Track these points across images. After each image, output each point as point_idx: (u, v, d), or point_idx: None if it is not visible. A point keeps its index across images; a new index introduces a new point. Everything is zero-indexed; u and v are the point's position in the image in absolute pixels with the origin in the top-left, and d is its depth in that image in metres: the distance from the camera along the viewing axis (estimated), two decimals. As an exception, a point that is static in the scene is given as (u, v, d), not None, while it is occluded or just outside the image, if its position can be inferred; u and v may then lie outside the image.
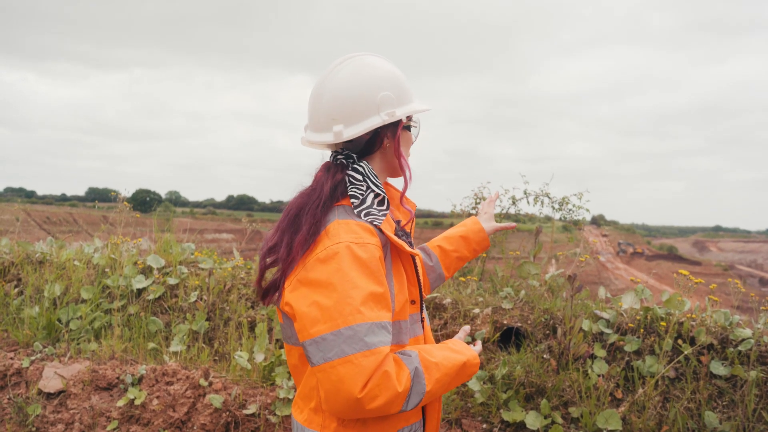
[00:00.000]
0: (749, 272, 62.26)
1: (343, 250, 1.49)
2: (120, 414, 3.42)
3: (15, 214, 9.97)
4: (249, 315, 4.15)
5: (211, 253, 5.04)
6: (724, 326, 3.35)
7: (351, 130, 1.64)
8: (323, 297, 1.46)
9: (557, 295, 3.90)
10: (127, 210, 4.99)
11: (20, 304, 4.51)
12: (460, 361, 1.59)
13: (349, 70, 1.66)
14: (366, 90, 1.64)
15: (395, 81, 1.69)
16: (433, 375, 1.52)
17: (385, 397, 1.42)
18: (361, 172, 1.65)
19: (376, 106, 1.64)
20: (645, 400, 3.13)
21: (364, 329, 1.43)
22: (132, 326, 4.22)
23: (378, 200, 1.64)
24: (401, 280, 1.64)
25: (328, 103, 1.66)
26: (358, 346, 1.42)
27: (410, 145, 1.79)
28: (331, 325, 1.44)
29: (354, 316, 1.43)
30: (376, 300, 1.48)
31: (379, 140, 1.70)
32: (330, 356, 1.43)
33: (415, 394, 1.49)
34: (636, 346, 3.33)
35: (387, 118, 1.64)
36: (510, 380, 3.31)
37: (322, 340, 1.44)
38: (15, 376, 3.71)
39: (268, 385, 3.50)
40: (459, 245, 2.19)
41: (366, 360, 1.41)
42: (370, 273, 1.49)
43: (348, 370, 1.41)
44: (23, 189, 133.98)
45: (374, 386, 1.41)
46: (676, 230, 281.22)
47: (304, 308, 1.49)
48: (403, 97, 1.70)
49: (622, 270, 52.74)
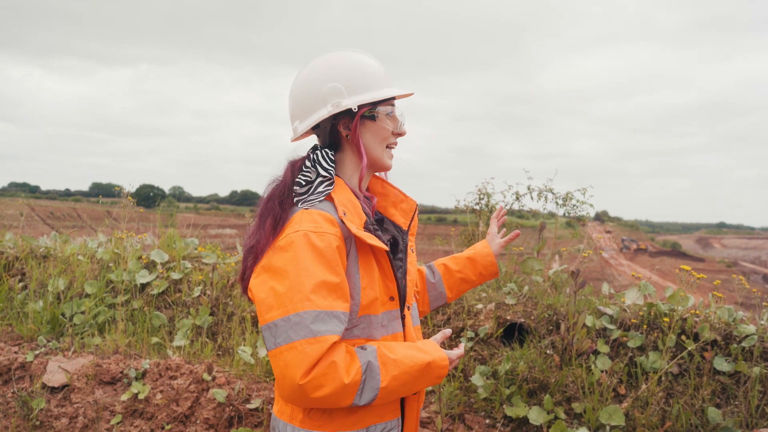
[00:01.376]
0: (753, 269, 62.12)
1: (300, 238, 1.50)
2: (124, 408, 3.43)
3: (19, 209, 9.99)
4: (252, 310, 4.16)
5: (215, 248, 5.05)
6: (727, 322, 3.35)
7: (302, 125, 1.67)
8: (278, 283, 1.48)
9: (560, 291, 3.90)
10: (131, 205, 4.99)
11: (24, 298, 4.53)
12: (423, 360, 1.56)
13: (309, 67, 1.69)
14: (314, 84, 1.66)
15: (349, 72, 1.66)
16: (389, 371, 1.50)
17: (331, 388, 1.43)
18: (312, 159, 1.66)
19: (322, 98, 1.64)
20: (648, 396, 3.13)
21: (311, 317, 1.44)
22: (136, 321, 4.23)
23: (325, 184, 1.63)
24: (371, 275, 1.61)
25: (289, 102, 1.72)
26: (303, 333, 1.43)
27: (380, 133, 1.71)
28: (283, 311, 1.45)
29: (303, 303, 1.44)
30: (330, 289, 1.48)
31: (337, 132, 1.69)
32: (279, 342, 1.45)
33: (368, 389, 1.48)
34: (639, 342, 3.33)
35: (332, 109, 1.63)
36: (513, 376, 3.31)
37: (274, 326, 1.46)
38: (19, 370, 3.72)
39: (271, 380, 3.51)
40: (465, 266, 2.15)
41: (310, 347, 1.42)
42: (326, 262, 1.49)
43: (292, 356, 1.42)
44: (27, 184, 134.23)
45: (319, 375, 1.42)
46: (680, 227, 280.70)
47: (262, 294, 1.51)
48: (358, 87, 1.66)
49: (626, 266, 52.67)
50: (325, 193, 1.61)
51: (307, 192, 1.61)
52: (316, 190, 1.61)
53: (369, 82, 1.68)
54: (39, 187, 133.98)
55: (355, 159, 1.72)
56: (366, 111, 1.68)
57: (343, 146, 1.71)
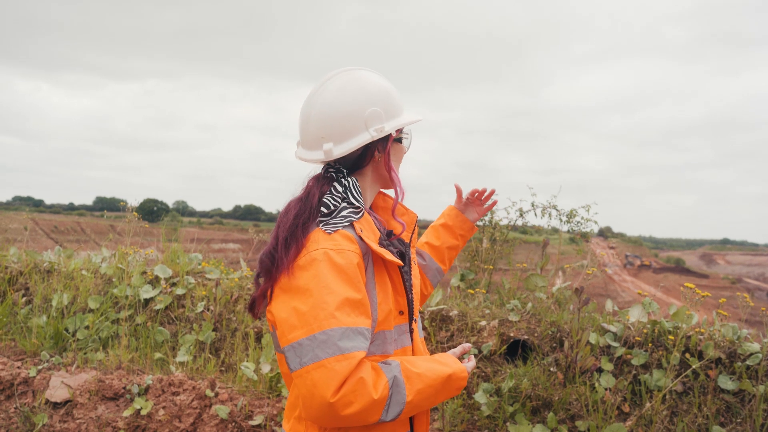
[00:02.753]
0: (757, 285, 61.85)
1: (321, 257, 1.50)
2: (126, 424, 3.42)
3: (23, 223, 10.02)
4: (255, 326, 4.16)
5: (218, 263, 5.06)
6: (732, 340, 3.33)
7: (340, 148, 1.65)
8: (300, 303, 1.47)
9: (564, 308, 3.89)
10: (135, 220, 5.01)
11: (28, 313, 4.53)
12: (445, 373, 1.58)
13: (336, 86, 1.67)
14: (354, 107, 1.64)
15: (384, 95, 1.69)
16: (414, 385, 1.51)
17: (361, 404, 1.42)
18: (344, 185, 1.66)
19: (364, 122, 1.64)
20: (652, 414, 3.11)
21: (338, 334, 1.43)
22: (139, 336, 4.24)
23: (351, 210, 1.64)
24: (386, 290, 1.63)
25: (317, 122, 1.67)
26: (331, 351, 1.42)
27: (402, 156, 1.80)
28: (307, 330, 1.45)
29: (328, 320, 1.44)
30: (353, 306, 1.48)
31: (370, 155, 1.71)
32: (305, 361, 1.44)
33: (395, 403, 1.48)
34: (643, 360, 3.32)
35: (376, 134, 1.64)
36: (517, 393, 3.30)
37: (299, 346, 1.45)
38: (22, 386, 3.72)
39: (274, 396, 3.50)
40: (445, 237, 2.22)
41: (339, 364, 1.41)
42: (347, 279, 1.49)
43: (321, 374, 1.41)
44: (31, 198, 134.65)
45: (348, 392, 1.41)
46: (684, 243, 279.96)
47: (283, 314, 1.50)
48: (392, 111, 1.69)
49: (629, 282, 52.49)
50: (349, 220, 1.61)
51: (330, 215, 1.61)
52: (340, 214, 1.61)
53: (398, 105, 1.73)
54: (43, 201, 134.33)
55: (374, 178, 1.75)
56: (397, 135, 1.75)
57: (365, 168, 1.73)
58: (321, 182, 1.68)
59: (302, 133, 1.73)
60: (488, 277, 4.59)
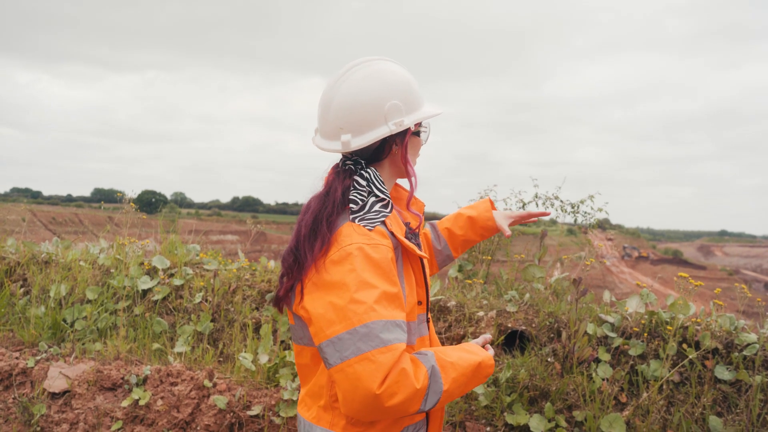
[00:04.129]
0: (754, 277, 62.07)
1: (356, 251, 1.49)
2: (124, 414, 3.43)
3: (21, 215, 10.02)
4: (254, 316, 4.16)
5: (216, 254, 5.06)
6: (729, 331, 3.34)
7: (359, 140, 1.64)
8: (337, 297, 1.47)
9: (562, 299, 3.89)
10: (133, 211, 5.00)
11: (26, 303, 4.53)
12: (475, 361, 1.60)
13: (358, 77, 1.65)
14: (374, 100, 1.63)
15: (404, 88, 1.68)
16: (449, 374, 1.52)
17: (404, 395, 1.42)
18: (366, 178, 1.66)
19: (383, 116, 1.64)
20: (649, 404, 3.12)
21: (380, 326, 1.43)
22: (137, 327, 4.24)
23: (381, 204, 1.64)
24: (411, 282, 1.65)
25: (337, 112, 1.66)
26: (374, 343, 1.42)
27: (419, 149, 1.81)
28: (347, 324, 1.44)
29: (369, 314, 1.44)
30: (390, 299, 1.48)
31: (388, 147, 1.70)
32: (347, 355, 1.43)
33: (433, 393, 1.48)
34: (640, 350, 3.33)
35: (395, 128, 1.64)
36: (514, 383, 3.31)
37: (339, 340, 1.45)
38: (20, 376, 3.72)
39: (272, 387, 3.51)
40: (467, 229, 2.24)
41: (383, 356, 1.41)
42: (383, 273, 1.50)
43: (365, 367, 1.41)
44: (29, 189, 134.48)
45: (392, 383, 1.41)
46: (681, 234, 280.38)
47: (319, 310, 1.49)
48: (412, 104, 1.69)
49: (627, 274, 52.63)
50: (384, 215, 1.61)
51: (361, 210, 1.61)
52: (373, 209, 1.61)
53: (418, 98, 1.72)
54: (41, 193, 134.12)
55: (392, 171, 1.75)
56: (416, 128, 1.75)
57: (383, 160, 1.73)
58: (341, 176, 1.67)
59: (321, 122, 1.72)
60: (486, 267, 4.60)
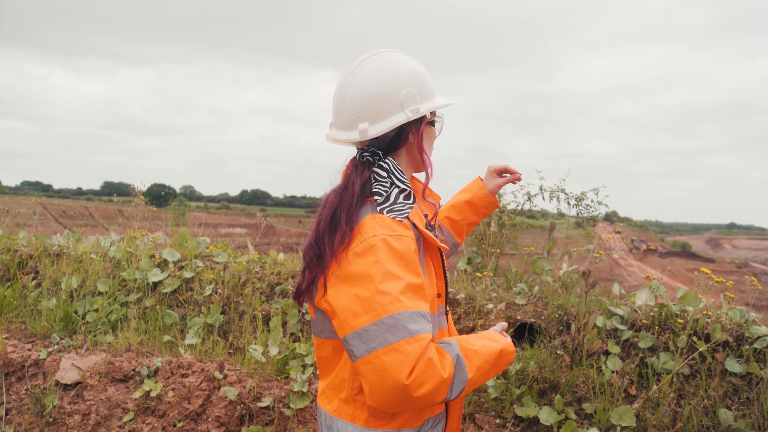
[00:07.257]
0: (763, 270, 61.70)
1: (380, 243, 1.49)
2: (136, 405, 3.46)
3: (32, 208, 10.07)
4: (263, 308, 4.18)
5: (226, 247, 5.08)
6: (739, 323, 3.33)
7: (376, 128, 1.65)
8: (362, 289, 1.47)
9: (571, 291, 3.89)
10: (143, 204, 5.02)
11: (38, 296, 4.57)
12: (497, 348, 1.60)
13: (372, 67, 1.66)
14: (390, 88, 1.64)
15: (418, 77, 1.69)
16: (473, 362, 1.53)
17: (431, 384, 1.42)
18: (386, 169, 1.66)
19: (399, 103, 1.64)
20: (659, 396, 3.12)
21: (406, 317, 1.43)
22: (148, 319, 4.27)
23: (404, 195, 1.65)
24: (431, 274, 1.66)
25: (352, 102, 1.66)
26: (401, 334, 1.42)
27: (434, 139, 1.81)
28: (373, 315, 1.44)
29: (394, 305, 1.43)
30: (414, 290, 1.49)
31: (404, 136, 1.70)
32: (374, 346, 1.43)
33: (458, 381, 1.48)
34: (650, 343, 3.32)
35: (411, 115, 1.64)
36: (523, 376, 3.31)
37: (365, 332, 1.45)
38: (33, 368, 3.76)
39: (282, 378, 3.52)
40: (466, 213, 2.24)
41: (410, 347, 1.41)
42: (407, 264, 1.50)
43: (393, 357, 1.41)
44: (40, 183, 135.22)
45: (420, 373, 1.41)
46: (690, 227, 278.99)
47: (344, 302, 1.49)
48: (427, 93, 1.70)
49: (635, 267, 52.45)
50: (410, 207, 1.62)
51: (386, 201, 1.61)
52: (398, 200, 1.62)
53: (431, 88, 1.73)
54: (51, 186, 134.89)
55: (408, 161, 1.75)
56: (431, 117, 1.76)
57: (399, 150, 1.73)
58: (360, 168, 1.67)
59: (336, 114, 1.72)
60: (495, 260, 4.60)
